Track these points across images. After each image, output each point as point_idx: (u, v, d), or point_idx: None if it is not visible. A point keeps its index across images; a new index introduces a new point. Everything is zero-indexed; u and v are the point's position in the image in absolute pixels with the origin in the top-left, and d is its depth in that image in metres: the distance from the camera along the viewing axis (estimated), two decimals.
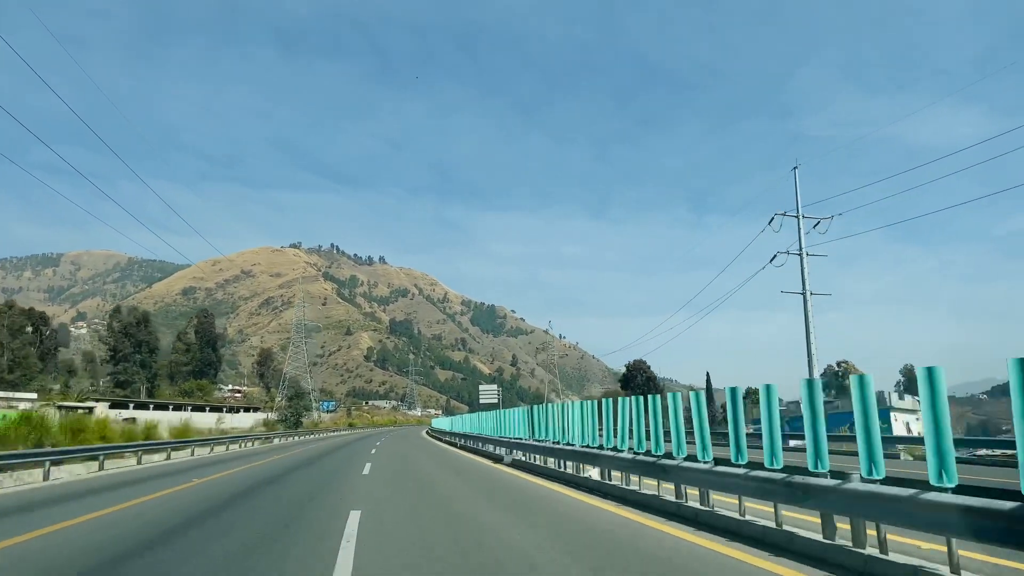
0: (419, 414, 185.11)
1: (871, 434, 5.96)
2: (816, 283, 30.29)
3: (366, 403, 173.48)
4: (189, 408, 67.41)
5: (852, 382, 6.13)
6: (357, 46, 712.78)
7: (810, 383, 6.69)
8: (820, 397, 6.74)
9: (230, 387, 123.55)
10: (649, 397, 10.99)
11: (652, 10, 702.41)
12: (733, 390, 8.10)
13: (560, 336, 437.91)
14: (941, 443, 5.23)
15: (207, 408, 69.74)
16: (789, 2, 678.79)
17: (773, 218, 31.20)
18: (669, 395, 9.83)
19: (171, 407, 65.58)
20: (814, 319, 29.18)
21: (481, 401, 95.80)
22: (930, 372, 5.32)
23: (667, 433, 10.10)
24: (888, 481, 5.82)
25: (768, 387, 7.34)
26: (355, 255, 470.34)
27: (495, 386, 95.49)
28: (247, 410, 73.58)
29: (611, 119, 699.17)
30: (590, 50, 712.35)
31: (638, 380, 75.70)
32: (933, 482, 5.23)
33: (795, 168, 31.56)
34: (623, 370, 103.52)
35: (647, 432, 11.40)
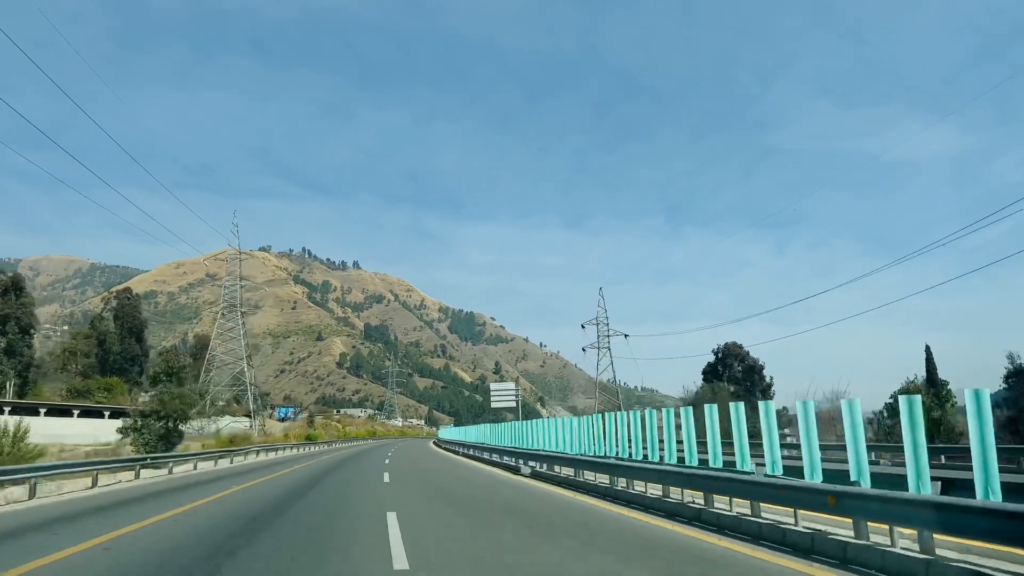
0: (400, 424, 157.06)
1: None
2: None
3: (337, 411, 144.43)
4: (42, 411, 40.26)
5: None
6: (337, 54, 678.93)
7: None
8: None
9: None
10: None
11: (632, 24, 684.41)
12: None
13: (540, 344, 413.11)
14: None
15: (74, 412, 42.69)
16: (765, 17, 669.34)
17: None
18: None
19: (7, 410, 38.34)
20: None
21: (493, 404, 69.89)
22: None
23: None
24: None
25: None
26: (328, 259, 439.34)
27: (512, 385, 69.37)
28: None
29: (590, 130, 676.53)
30: (570, 62, 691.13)
31: (733, 370, 50.41)
32: None
33: None
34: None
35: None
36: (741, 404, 9.64)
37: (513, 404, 63.80)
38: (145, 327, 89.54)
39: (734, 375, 49.52)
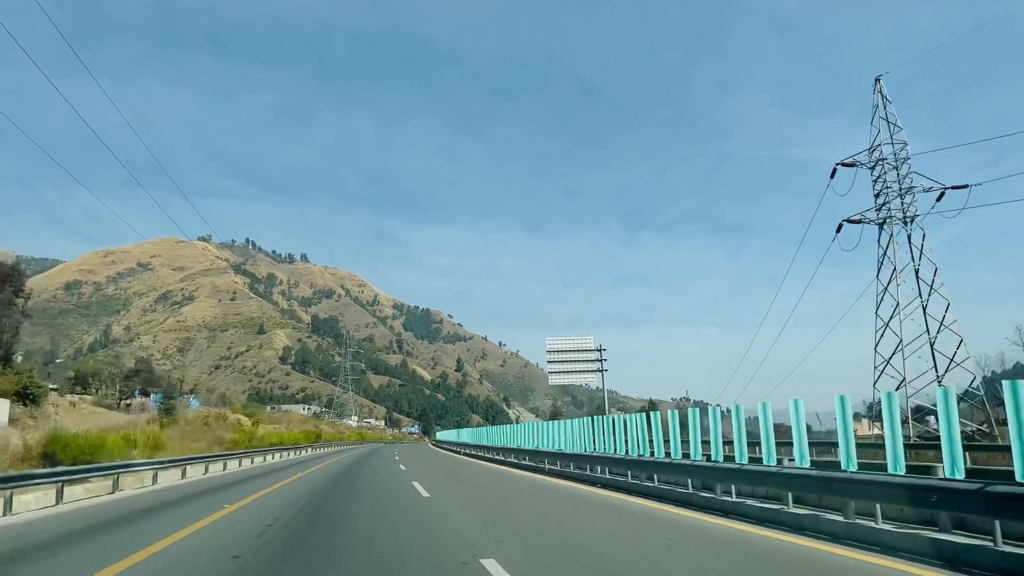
0: (355, 425, 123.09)
1: None
2: None
3: (272, 408, 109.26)
4: None
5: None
6: (296, 54, 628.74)
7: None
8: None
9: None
10: None
11: (594, 31, 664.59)
12: None
13: (500, 344, 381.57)
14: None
15: None
16: (725, 28, 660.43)
17: None
18: None
19: None
20: None
21: (552, 380, 38.40)
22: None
23: None
24: None
25: None
26: (273, 252, 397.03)
27: (590, 340, 37.10)
28: None
29: (551, 136, 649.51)
30: (533, 68, 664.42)
31: None
32: None
33: None
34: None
35: None
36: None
37: (592, 378, 32.30)
38: None
39: None
